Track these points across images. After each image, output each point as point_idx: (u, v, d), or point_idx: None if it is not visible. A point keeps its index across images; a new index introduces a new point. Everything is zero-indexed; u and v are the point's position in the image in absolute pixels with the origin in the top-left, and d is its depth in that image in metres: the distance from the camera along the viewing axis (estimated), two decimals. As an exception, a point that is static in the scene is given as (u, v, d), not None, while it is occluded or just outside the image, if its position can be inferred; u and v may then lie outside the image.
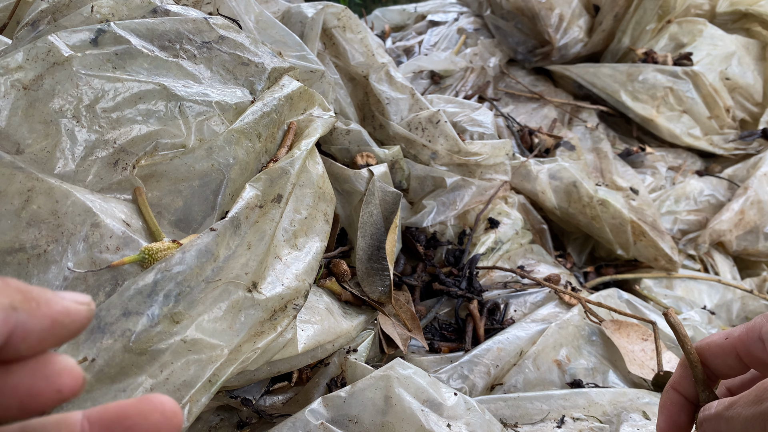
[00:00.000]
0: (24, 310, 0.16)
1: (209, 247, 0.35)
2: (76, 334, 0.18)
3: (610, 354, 0.53)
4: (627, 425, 0.44)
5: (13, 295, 0.16)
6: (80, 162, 0.37)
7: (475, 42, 1.08)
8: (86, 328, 0.18)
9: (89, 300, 0.18)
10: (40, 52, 0.37)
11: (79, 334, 0.18)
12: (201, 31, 0.44)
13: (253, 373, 0.41)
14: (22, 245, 0.33)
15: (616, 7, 0.99)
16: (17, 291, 0.16)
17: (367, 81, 0.67)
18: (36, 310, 0.16)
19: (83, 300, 0.18)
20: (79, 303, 0.18)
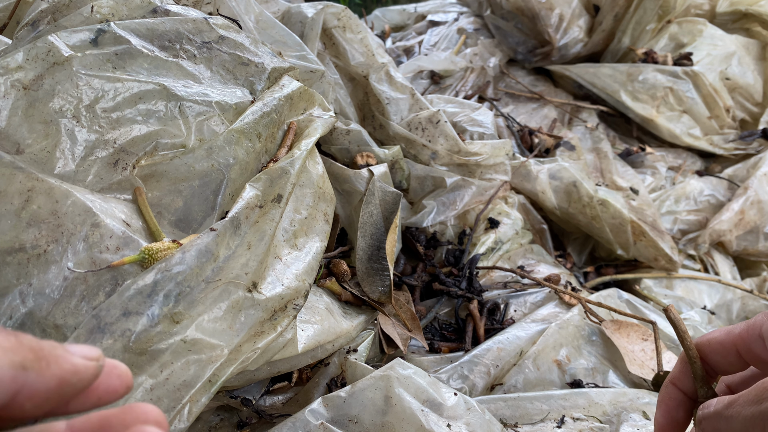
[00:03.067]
0: (34, 370, 0.16)
1: (209, 247, 0.35)
2: (81, 392, 0.18)
3: (610, 354, 0.53)
4: (627, 425, 0.44)
5: (25, 354, 0.16)
6: (80, 162, 0.37)
7: (475, 42, 1.08)
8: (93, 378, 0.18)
9: (99, 355, 0.18)
10: (40, 52, 0.37)
11: (84, 390, 0.18)
12: (201, 31, 0.44)
13: (253, 373, 0.41)
14: (22, 245, 0.33)
15: (616, 7, 0.99)
16: (30, 350, 0.16)
17: (367, 81, 0.67)
18: (45, 370, 0.16)
19: (93, 355, 0.18)
20: (88, 359, 0.18)
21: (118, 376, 0.19)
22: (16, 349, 0.16)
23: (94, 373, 0.18)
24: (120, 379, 0.19)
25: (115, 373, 0.19)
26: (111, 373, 0.19)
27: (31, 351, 0.16)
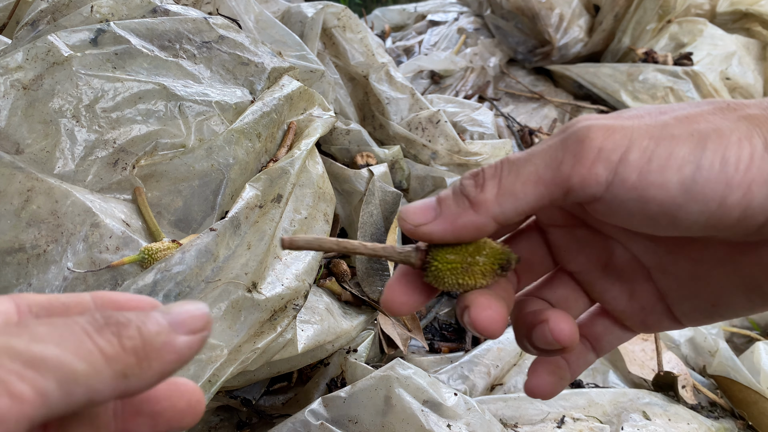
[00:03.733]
0: (135, 376, 0.16)
1: (209, 247, 0.35)
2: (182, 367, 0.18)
3: (611, 354, 0.53)
4: (627, 425, 0.44)
5: (128, 361, 0.15)
6: (80, 162, 0.37)
7: (475, 42, 1.08)
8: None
9: (206, 321, 0.18)
10: (40, 52, 0.37)
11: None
12: (201, 30, 0.44)
13: (253, 373, 0.41)
14: (22, 245, 0.33)
15: (617, 6, 0.99)
16: (133, 352, 0.16)
17: (367, 81, 0.67)
18: (146, 371, 0.16)
19: (199, 325, 0.17)
20: (194, 333, 0.17)
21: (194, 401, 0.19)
22: (118, 357, 0.15)
23: (198, 349, 0.17)
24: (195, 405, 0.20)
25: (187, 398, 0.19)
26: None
27: (134, 354, 0.15)
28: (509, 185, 0.21)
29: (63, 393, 0.14)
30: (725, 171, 0.19)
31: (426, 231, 0.22)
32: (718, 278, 0.23)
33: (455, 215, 0.22)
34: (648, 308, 0.25)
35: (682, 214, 0.19)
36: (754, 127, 0.19)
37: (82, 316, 0.15)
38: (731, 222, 0.19)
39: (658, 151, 0.19)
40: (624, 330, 0.27)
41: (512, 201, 0.21)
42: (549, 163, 0.20)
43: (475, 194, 0.21)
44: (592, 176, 0.20)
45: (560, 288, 0.27)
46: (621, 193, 0.20)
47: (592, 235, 0.26)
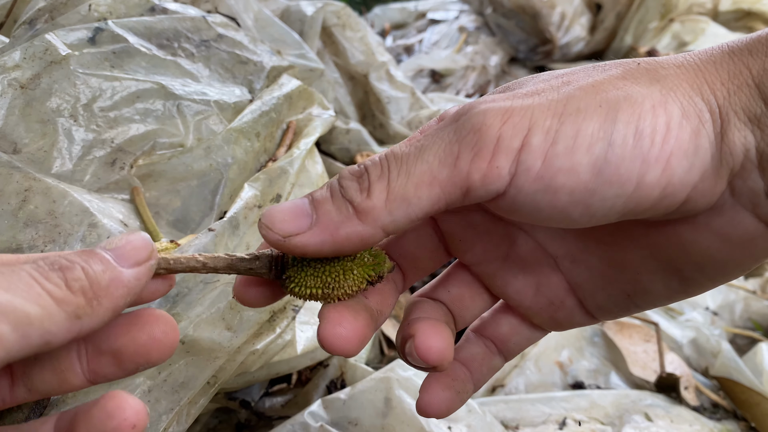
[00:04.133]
0: (87, 315, 0.16)
1: (207, 247, 0.34)
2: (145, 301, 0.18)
3: (613, 355, 0.53)
4: (629, 427, 0.43)
5: (78, 302, 0.15)
6: (78, 161, 0.36)
7: (476, 40, 1.08)
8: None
9: (150, 251, 0.17)
10: (38, 51, 0.37)
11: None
12: (199, 29, 0.44)
13: (252, 374, 0.41)
14: (19, 246, 0.33)
15: (619, 5, 0.98)
16: (81, 292, 0.15)
17: (367, 80, 0.66)
18: (98, 308, 0.16)
19: (143, 256, 0.17)
20: (140, 264, 0.17)
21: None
22: (68, 299, 0.15)
23: (146, 279, 0.17)
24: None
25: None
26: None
27: (83, 294, 0.15)
28: (400, 189, 0.18)
29: (19, 336, 0.14)
30: (640, 146, 0.16)
31: (298, 243, 0.18)
32: (633, 263, 0.21)
33: (336, 224, 0.18)
34: (557, 303, 0.23)
35: (596, 201, 0.17)
36: (668, 92, 0.17)
37: (27, 263, 0.15)
38: (651, 203, 0.17)
39: (564, 129, 0.17)
40: (533, 329, 0.24)
41: (404, 207, 0.18)
42: (444, 160, 0.17)
43: (360, 200, 0.18)
44: (493, 170, 0.17)
45: (455, 286, 0.24)
46: (526, 185, 0.17)
47: (490, 222, 0.23)
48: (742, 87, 0.17)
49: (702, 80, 0.17)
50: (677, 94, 0.17)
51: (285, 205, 0.19)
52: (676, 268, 0.20)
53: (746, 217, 0.18)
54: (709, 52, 0.18)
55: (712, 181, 0.17)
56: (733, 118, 0.17)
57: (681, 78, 0.18)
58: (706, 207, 0.18)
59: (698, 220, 0.19)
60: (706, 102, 0.17)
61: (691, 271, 0.20)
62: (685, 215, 0.18)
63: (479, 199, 0.18)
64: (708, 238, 0.19)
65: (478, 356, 0.24)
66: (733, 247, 0.19)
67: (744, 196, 0.18)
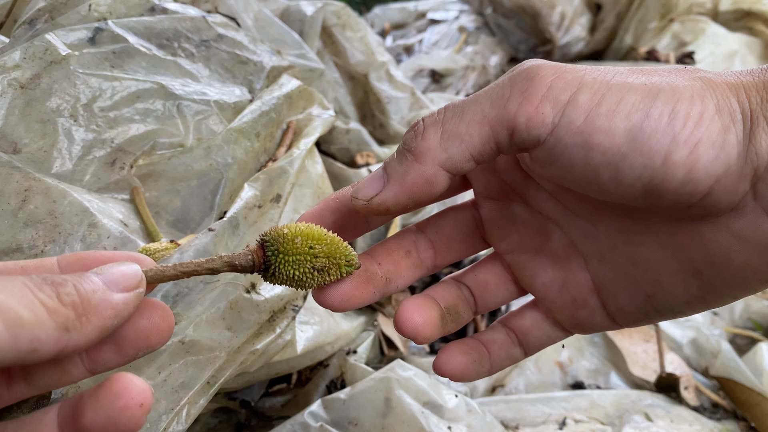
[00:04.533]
0: (76, 330, 0.16)
1: (207, 247, 0.34)
2: (123, 321, 0.18)
3: (613, 355, 0.53)
4: (629, 427, 0.43)
5: (68, 315, 0.16)
6: (77, 161, 0.36)
7: (476, 40, 1.08)
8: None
9: (139, 280, 0.18)
10: (38, 51, 0.37)
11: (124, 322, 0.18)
12: (199, 29, 0.44)
13: (252, 374, 0.41)
14: (19, 246, 0.33)
15: (618, 5, 0.98)
16: (72, 306, 0.16)
17: (367, 80, 0.66)
18: (86, 325, 0.16)
19: (133, 283, 0.18)
20: (128, 290, 0.18)
21: (159, 316, 0.19)
22: (59, 310, 0.16)
23: (134, 305, 0.18)
24: (163, 319, 0.19)
25: (157, 313, 0.19)
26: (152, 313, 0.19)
27: (73, 308, 0.16)
28: (453, 128, 0.19)
29: (10, 337, 0.14)
30: (673, 125, 0.18)
31: (379, 201, 0.20)
32: (657, 263, 0.22)
33: (402, 174, 0.20)
34: (580, 301, 0.24)
35: (625, 167, 0.18)
36: (708, 88, 0.19)
37: (23, 276, 0.16)
38: (675, 184, 0.18)
39: (609, 95, 0.18)
40: (555, 326, 0.25)
41: (458, 144, 0.19)
42: (495, 101, 0.19)
43: (416, 144, 0.20)
44: (538, 116, 0.19)
45: (482, 272, 0.25)
46: (566, 137, 0.19)
47: (529, 214, 0.24)
48: None
49: (740, 86, 0.19)
50: (715, 92, 0.19)
51: (367, 176, 0.21)
52: (697, 270, 0.21)
53: (767, 222, 0.19)
54: (749, 69, 0.20)
55: (735, 178, 0.18)
56: (762, 123, 0.18)
57: (720, 81, 0.19)
58: (728, 206, 0.19)
59: (720, 220, 0.19)
60: (740, 104, 0.19)
61: (711, 274, 0.21)
62: (707, 212, 0.19)
63: (522, 144, 0.19)
64: (728, 239, 0.20)
65: (498, 341, 0.25)
66: (752, 251, 0.19)
67: (765, 199, 0.18)
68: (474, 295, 0.26)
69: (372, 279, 0.23)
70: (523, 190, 0.24)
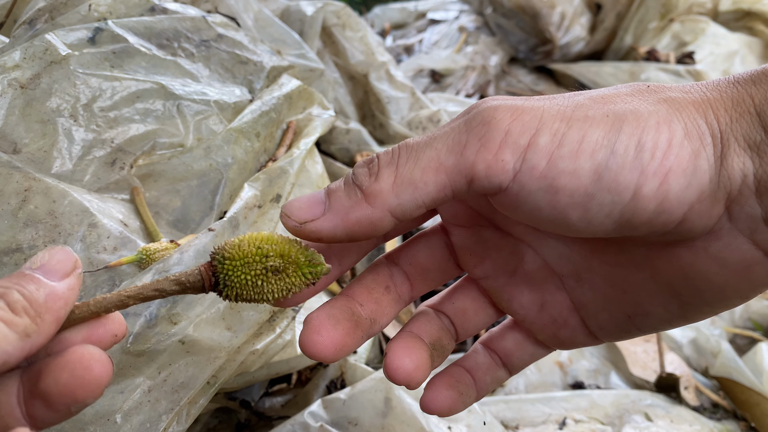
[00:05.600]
0: (35, 332, 0.16)
1: (207, 247, 0.34)
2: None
3: (613, 355, 0.53)
4: (629, 427, 0.43)
5: (25, 323, 0.16)
6: (77, 161, 0.36)
7: (476, 40, 1.08)
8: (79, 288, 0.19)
9: (72, 264, 0.18)
10: (38, 51, 0.37)
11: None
12: (199, 29, 0.44)
13: (252, 374, 0.41)
14: (19, 245, 0.33)
15: (618, 5, 0.98)
16: (24, 311, 0.16)
17: (367, 80, 0.66)
18: (42, 325, 0.17)
19: (68, 268, 0.18)
20: (66, 275, 0.18)
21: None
22: (15, 321, 0.16)
23: (79, 286, 0.18)
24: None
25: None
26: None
27: (26, 313, 0.16)
28: (407, 173, 0.18)
29: None
30: (640, 158, 0.17)
31: (313, 228, 0.19)
32: (635, 285, 0.21)
33: (347, 209, 0.19)
34: (560, 321, 0.23)
35: (594, 206, 0.18)
36: (674, 111, 0.18)
37: None
38: (647, 216, 0.18)
39: (570, 134, 0.17)
40: (537, 345, 0.25)
41: (411, 191, 0.18)
42: (452, 148, 0.18)
43: (368, 184, 0.19)
44: (498, 163, 0.18)
45: (460, 299, 0.25)
46: (529, 183, 0.18)
47: (500, 238, 0.23)
48: (743, 114, 0.18)
49: (707, 105, 0.18)
50: (682, 115, 0.18)
51: (305, 195, 0.20)
52: (676, 292, 0.21)
53: (744, 243, 0.18)
54: (715, 82, 0.19)
55: (709, 203, 0.18)
56: (733, 144, 0.17)
57: (687, 101, 0.18)
58: (704, 230, 0.18)
59: (696, 244, 0.19)
60: (708, 126, 0.18)
61: (690, 295, 0.20)
62: (683, 237, 0.19)
63: (482, 191, 0.19)
64: (706, 262, 0.19)
65: (482, 366, 0.25)
66: (730, 272, 0.19)
67: (742, 222, 0.18)
68: (454, 324, 0.25)
69: (359, 323, 0.21)
70: (491, 215, 0.23)
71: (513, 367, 0.25)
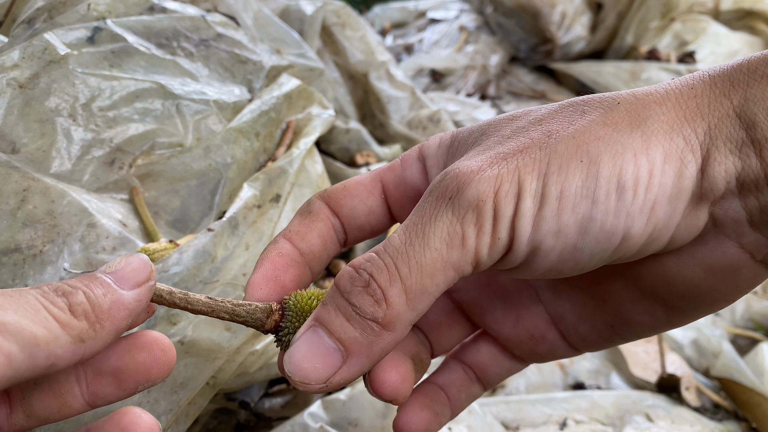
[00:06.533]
0: (90, 339, 0.16)
1: (207, 247, 0.34)
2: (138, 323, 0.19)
3: (613, 356, 0.53)
4: (630, 428, 0.43)
5: (82, 327, 0.16)
6: (76, 161, 0.36)
7: (476, 40, 1.08)
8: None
9: (150, 273, 0.18)
10: (37, 50, 0.37)
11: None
12: (198, 28, 0.43)
13: (252, 375, 0.40)
14: (18, 246, 0.33)
15: (619, 4, 0.98)
16: (84, 316, 0.16)
17: (367, 79, 0.66)
18: (100, 332, 0.16)
19: (143, 277, 0.18)
20: (139, 285, 0.17)
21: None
22: (72, 324, 0.16)
23: (147, 300, 0.18)
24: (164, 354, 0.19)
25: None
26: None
27: (86, 318, 0.16)
28: (417, 286, 0.17)
29: (26, 356, 0.14)
30: (624, 199, 0.17)
31: (341, 380, 0.18)
32: (616, 293, 0.21)
33: (368, 347, 0.18)
34: (537, 336, 0.23)
35: (584, 257, 0.18)
36: (649, 136, 0.17)
37: (32, 288, 0.16)
38: (637, 249, 0.18)
39: (549, 191, 0.17)
40: (514, 360, 0.24)
41: (425, 299, 0.18)
42: (451, 243, 0.17)
43: (382, 315, 0.17)
44: (496, 243, 0.18)
45: (433, 313, 0.24)
46: (520, 249, 0.18)
47: None
48: (723, 119, 0.17)
49: (682, 119, 0.18)
50: (658, 138, 0.17)
51: (303, 349, 0.18)
52: (660, 298, 0.20)
53: (730, 247, 0.18)
54: (690, 83, 0.18)
55: (694, 215, 0.18)
56: (713, 153, 0.17)
57: (662, 120, 0.18)
58: (690, 239, 0.18)
59: (682, 250, 0.19)
60: (687, 141, 0.17)
61: (676, 300, 0.20)
62: (668, 249, 0.19)
63: (484, 268, 0.19)
64: (692, 268, 0.19)
65: (456, 382, 0.24)
66: (717, 277, 0.19)
67: (727, 226, 0.18)
68: (429, 339, 0.24)
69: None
70: None
71: (488, 383, 0.24)
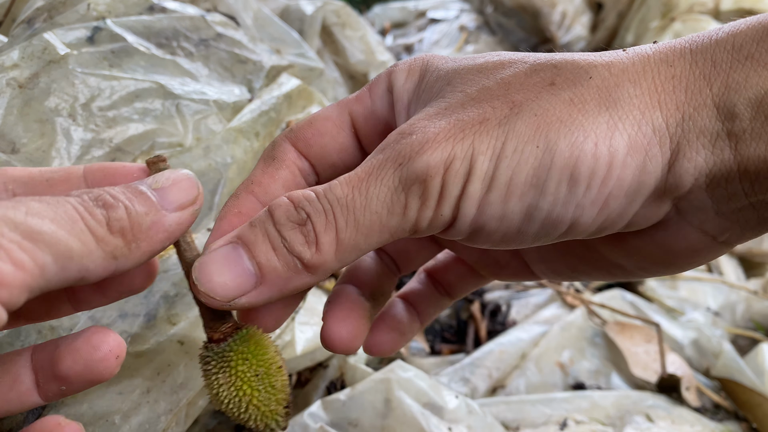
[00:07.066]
0: (123, 257, 0.16)
1: (206, 248, 0.34)
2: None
3: (614, 356, 0.53)
4: (630, 428, 0.43)
5: (116, 244, 0.15)
6: (76, 161, 0.36)
7: (476, 39, 1.08)
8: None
9: (197, 193, 0.18)
10: (36, 50, 0.37)
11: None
12: (198, 28, 0.43)
13: (252, 375, 0.40)
14: (17, 246, 0.33)
15: (620, 4, 0.98)
16: (121, 233, 0.15)
17: (367, 79, 0.66)
18: (135, 251, 0.16)
19: (190, 197, 0.17)
20: (184, 208, 0.17)
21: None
22: (108, 240, 0.15)
23: (189, 225, 0.17)
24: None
25: None
26: None
27: (122, 236, 0.15)
28: (350, 240, 0.18)
29: (59, 268, 0.14)
30: (574, 192, 0.16)
31: (245, 303, 0.18)
32: (577, 251, 0.22)
33: (285, 280, 0.18)
34: (503, 262, 0.24)
35: (528, 239, 0.18)
36: (617, 121, 0.16)
37: (72, 196, 0.15)
38: (587, 233, 0.18)
39: (499, 175, 0.17)
40: (480, 278, 0.25)
41: (354, 254, 0.18)
42: (392, 209, 0.18)
43: (309, 256, 0.17)
44: (438, 218, 0.18)
45: (401, 240, 0.24)
46: (463, 228, 0.18)
47: None
48: (699, 109, 0.16)
49: (656, 104, 0.17)
50: (625, 125, 0.16)
51: (218, 261, 0.18)
52: (619, 265, 0.21)
53: (692, 232, 0.18)
54: (669, 59, 0.17)
55: (655, 207, 0.17)
56: (684, 147, 0.16)
57: (633, 103, 0.17)
58: (648, 225, 0.18)
59: (643, 231, 0.19)
60: (656, 132, 0.16)
61: (634, 267, 0.21)
62: (627, 230, 0.19)
63: (422, 236, 0.19)
64: (651, 247, 0.19)
65: (426, 297, 0.25)
66: (675, 255, 0.19)
67: (691, 214, 0.18)
68: (396, 262, 0.25)
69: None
70: None
71: (455, 294, 0.26)
